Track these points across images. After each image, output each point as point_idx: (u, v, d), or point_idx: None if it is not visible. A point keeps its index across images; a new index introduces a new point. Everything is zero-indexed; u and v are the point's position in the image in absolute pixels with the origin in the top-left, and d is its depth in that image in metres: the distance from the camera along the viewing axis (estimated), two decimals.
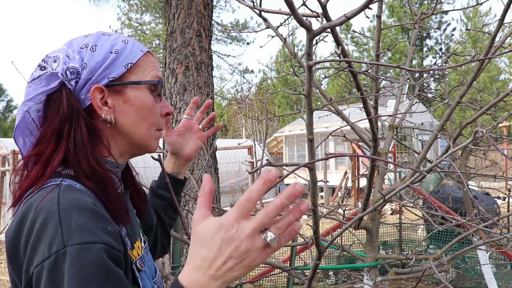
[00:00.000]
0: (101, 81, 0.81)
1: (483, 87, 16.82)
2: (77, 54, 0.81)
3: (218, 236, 0.57)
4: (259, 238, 0.57)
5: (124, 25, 18.61)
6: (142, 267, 0.82)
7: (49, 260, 0.63)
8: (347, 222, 2.05)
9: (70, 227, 0.65)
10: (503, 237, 2.32)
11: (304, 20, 0.91)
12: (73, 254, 0.63)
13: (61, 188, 0.72)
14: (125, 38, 0.87)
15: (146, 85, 0.86)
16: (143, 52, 0.87)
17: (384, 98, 11.15)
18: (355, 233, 3.02)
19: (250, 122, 24.73)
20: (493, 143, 1.32)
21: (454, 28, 30.59)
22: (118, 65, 0.83)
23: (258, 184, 0.56)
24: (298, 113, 2.02)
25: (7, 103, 22.76)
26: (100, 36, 0.85)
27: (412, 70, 0.90)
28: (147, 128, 0.87)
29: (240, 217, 0.57)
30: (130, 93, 0.84)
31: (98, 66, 0.81)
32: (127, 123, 0.84)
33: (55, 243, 0.64)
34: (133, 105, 0.84)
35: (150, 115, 0.87)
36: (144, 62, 0.87)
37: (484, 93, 6.78)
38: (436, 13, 1.89)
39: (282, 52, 28.56)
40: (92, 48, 0.82)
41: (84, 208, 0.69)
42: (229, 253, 0.57)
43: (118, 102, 0.83)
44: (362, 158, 10.90)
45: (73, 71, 0.79)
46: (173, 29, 3.95)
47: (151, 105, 0.87)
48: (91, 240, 0.65)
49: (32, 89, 0.80)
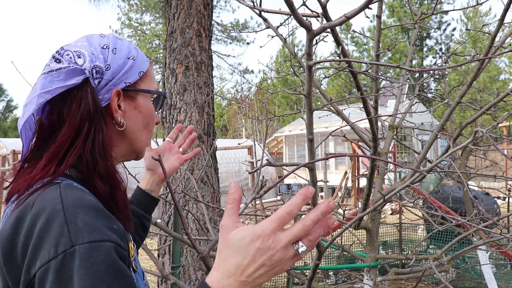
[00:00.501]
0: (119, 84, 0.83)
1: (483, 87, 16.82)
2: (101, 54, 0.82)
3: (254, 245, 0.59)
4: (292, 249, 0.60)
5: (124, 25, 18.61)
6: (137, 268, 0.82)
7: (55, 260, 0.62)
8: (347, 222, 2.05)
9: (77, 225, 0.64)
10: (503, 237, 2.32)
11: (304, 20, 0.91)
12: (82, 253, 0.62)
13: (62, 187, 0.71)
14: (135, 46, 0.90)
15: (151, 94, 0.90)
16: (149, 62, 0.90)
17: (384, 98, 11.15)
18: (355, 233, 3.02)
19: (250, 122, 24.73)
20: (493, 143, 1.32)
21: (454, 28, 30.62)
22: (134, 72, 0.85)
23: (298, 199, 0.60)
24: (298, 113, 2.02)
25: (7, 103, 22.77)
26: (115, 39, 0.86)
27: (412, 70, 0.90)
28: (147, 135, 0.90)
29: (277, 229, 0.60)
30: (140, 100, 0.87)
31: (119, 69, 0.83)
32: (134, 129, 0.87)
33: (62, 242, 0.62)
34: (141, 112, 0.87)
35: (152, 123, 0.91)
36: (150, 72, 0.90)
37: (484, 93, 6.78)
38: (436, 13, 1.89)
39: (282, 52, 28.56)
40: (113, 50, 0.83)
41: (89, 207, 0.68)
42: (262, 261, 0.59)
43: (129, 107, 0.85)
44: (362, 158, 10.90)
45: (98, 70, 0.80)
46: (173, 29, 3.95)
47: (154, 114, 0.91)
48: (100, 239, 0.64)
49: (48, 81, 0.77)
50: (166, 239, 3.77)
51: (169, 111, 3.94)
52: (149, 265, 6.20)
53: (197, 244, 2.39)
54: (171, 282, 1.93)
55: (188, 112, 3.84)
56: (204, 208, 2.22)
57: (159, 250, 3.77)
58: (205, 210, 2.19)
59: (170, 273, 2.00)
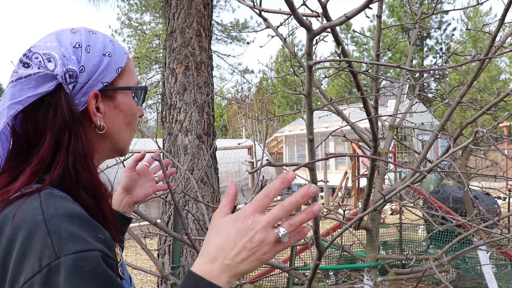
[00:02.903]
0: (96, 85, 0.77)
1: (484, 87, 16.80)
2: (73, 55, 0.75)
3: (234, 226, 0.60)
4: (272, 232, 0.60)
5: (124, 25, 18.60)
6: (123, 275, 0.78)
7: (40, 274, 0.58)
8: (347, 222, 2.05)
9: (61, 236, 0.60)
10: (503, 237, 2.31)
11: (304, 20, 0.91)
12: (68, 265, 0.58)
13: (42, 196, 0.66)
14: (110, 39, 0.83)
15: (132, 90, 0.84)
16: (127, 55, 0.84)
17: (384, 98, 11.14)
18: (355, 233, 3.02)
19: (250, 122, 24.73)
20: (493, 143, 1.32)
21: (454, 28, 30.64)
22: (111, 69, 0.79)
23: (277, 182, 0.60)
24: (298, 113, 2.01)
25: None
26: (88, 34, 0.79)
27: (412, 70, 0.90)
28: (130, 133, 0.86)
29: (256, 211, 0.60)
30: (120, 99, 0.81)
31: (94, 69, 0.77)
32: (115, 129, 0.81)
33: (45, 255, 0.59)
34: (122, 111, 0.82)
35: (134, 120, 0.86)
36: (128, 66, 0.84)
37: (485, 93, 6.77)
38: (436, 13, 1.89)
39: (282, 52, 28.56)
40: (87, 49, 0.77)
41: (72, 216, 0.64)
42: (243, 243, 0.59)
43: (109, 108, 0.80)
44: (362, 158, 10.90)
45: (72, 74, 0.74)
46: (173, 29, 3.94)
47: (136, 111, 0.86)
48: (86, 248, 0.60)
49: (17, 89, 0.71)
50: (166, 239, 3.76)
51: (169, 111, 3.94)
52: (149, 265, 6.20)
53: (197, 244, 2.39)
54: (171, 282, 1.93)
55: (188, 112, 3.83)
56: (204, 208, 2.22)
57: (159, 250, 3.77)
58: (205, 210, 2.19)
59: (170, 273, 2.00)
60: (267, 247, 0.60)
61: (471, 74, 2.06)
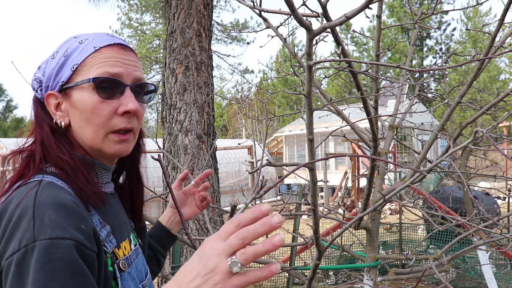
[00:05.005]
0: (56, 87, 0.83)
1: (483, 87, 16.81)
2: (44, 64, 0.85)
3: (197, 252, 0.59)
4: (225, 261, 0.55)
5: (124, 25, 18.59)
6: (125, 268, 0.81)
7: (18, 253, 0.64)
8: (347, 222, 2.05)
9: (43, 222, 0.66)
10: (503, 237, 2.32)
11: (304, 20, 0.91)
12: (41, 249, 0.63)
13: (41, 185, 0.73)
14: (85, 37, 0.84)
15: (90, 84, 0.80)
16: (95, 49, 0.81)
17: (384, 98, 11.14)
18: (355, 233, 3.02)
19: (250, 122, 24.73)
20: (493, 143, 1.32)
21: (454, 28, 30.64)
22: (66, 68, 0.82)
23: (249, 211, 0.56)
24: (298, 113, 2.02)
25: (7, 103, 22.73)
26: (68, 41, 0.86)
27: (412, 70, 0.90)
28: (93, 131, 0.81)
29: (218, 237, 0.57)
30: (74, 96, 0.82)
31: (51, 72, 0.83)
32: (75, 127, 0.83)
33: (25, 237, 0.65)
34: (77, 108, 0.81)
35: (93, 117, 0.80)
36: (93, 59, 0.81)
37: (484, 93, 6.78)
38: (436, 13, 1.89)
39: (282, 52, 28.56)
40: (53, 55, 0.85)
41: (59, 205, 0.69)
42: (198, 269, 0.57)
43: (67, 106, 0.83)
44: (362, 158, 10.90)
45: (38, 81, 0.85)
46: (173, 29, 3.95)
47: (94, 106, 0.80)
48: (61, 236, 0.65)
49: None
50: None
51: (169, 111, 3.94)
52: None
53: (197, 244, 2.39)
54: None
55: (188, 112, 3.84)
56: None
57: None
58: (205, 210, 2.19)
59: (170, 273, 2.00)
60: (219, 277, 0.55)
61: (471, 74, 2.06)
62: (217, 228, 3.53)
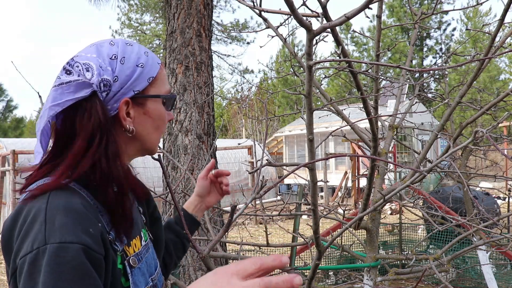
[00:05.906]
0: (128, 93, 0.86)
1: (483, 87, 16.80)
2: (109, 66, 0.84)
3: (210, 279, 0.58)
4: None
5: (124, 25, 18.61)
6: (135, 264, 0.85)
7: (31, 254, 0.67)
8: (347, 222, 2.05)
9: (54, 225, 0.69)
10: (503, 237, 2.32)
11: (304, 20, 0.91)
12: (51, 252, 0.66)
13: (56, 189, 0.76)
14: (145, 50, 0.91)
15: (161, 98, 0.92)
16: (159, 65, 0.92)
17: (384, 98, 11.15)
18: (355, 233, 3.02)
19: (250, 122, 24.72)
20: (493, 143, 1.32)
21: (454, 28, 30.63)
22: (142, 79, 0.87)
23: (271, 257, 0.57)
24: (298, 113, 2.02)
25: (7, 103, 22.74)
26: (125, 46, 0.88)
27: (412, 70, 0.90)
28: (158, 136, 0.94)
29: (237, 273, 0.57)
30: (150, 105, 0.90)
31: (127, 79, 0.85)
32: (144, 133, 0.90)
33: (37, 239, 0.68)
34: (151, 116, 0.90)
35: (163, 124, 0.94)
36: (160, 75, 0.92)
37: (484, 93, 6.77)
38: (436, 13, 1.89)
39: (282, 52, 28.55)
40: (122, 60, 0.85)
41: (69, 209, 0.72)
42: None
43: (138, 114, 0.88)
44: (362, 158, 10.90)
45: (106, 83, 0.83)
46: (173, 29, 3.95)
47: (165, 116, 0.94)
48: (70, 240, 0.68)
49: (58, 93, 0.81)
50: None
51: None
52: None
53: (197, 244, 2.39)
54: (171, 282, 1.93)
55: (188, 112, 3.84)
56: None
57: None
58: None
59: (170, 273, 2.00)
60: None
61: (471, 74, 2.06)
62: (217, 228, 3.53)
